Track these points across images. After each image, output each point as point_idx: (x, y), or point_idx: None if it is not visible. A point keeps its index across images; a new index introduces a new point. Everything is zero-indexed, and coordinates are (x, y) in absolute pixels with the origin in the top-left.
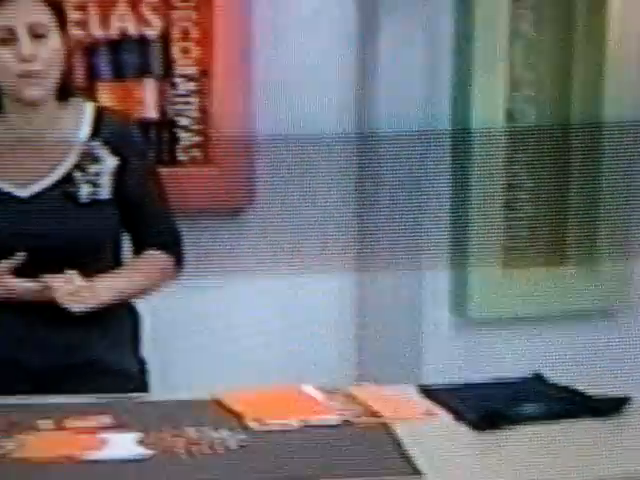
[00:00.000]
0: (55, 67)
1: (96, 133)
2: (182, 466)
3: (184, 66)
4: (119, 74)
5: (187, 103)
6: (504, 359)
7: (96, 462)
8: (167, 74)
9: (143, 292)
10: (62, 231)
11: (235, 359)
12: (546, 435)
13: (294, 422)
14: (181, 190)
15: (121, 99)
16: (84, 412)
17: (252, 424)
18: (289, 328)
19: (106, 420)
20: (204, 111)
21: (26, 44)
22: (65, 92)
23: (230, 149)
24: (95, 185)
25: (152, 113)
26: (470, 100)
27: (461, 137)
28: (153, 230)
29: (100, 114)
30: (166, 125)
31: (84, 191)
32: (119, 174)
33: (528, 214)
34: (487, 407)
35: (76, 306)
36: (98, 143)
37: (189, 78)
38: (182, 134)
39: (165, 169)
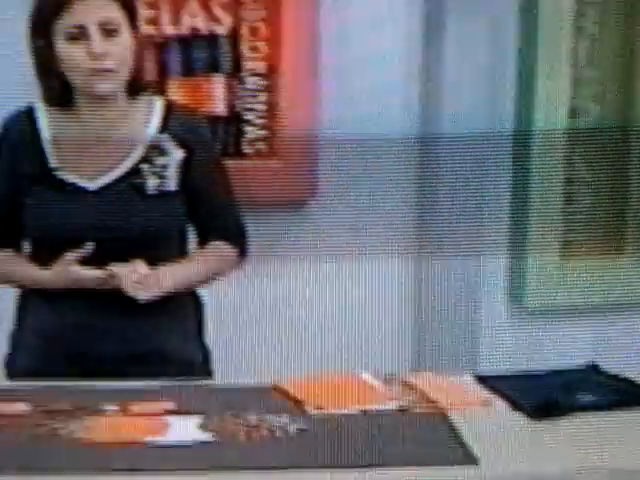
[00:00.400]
0: (126, 64)
1: (164, 127)
2: (242, 450)
3: (252, 62)
4: (189, 70)
5: (255, 98)
6: (560, 348)
7: (158, 446)
8: (236, 70)
9: (207, 281)
10: (129, 222)
11: (295, 346)
12: (601, 424)
13: (352, 409)
14: (246, 182)
15: (191, 95)
16: (148, 397)
17: (312, 411)
18: (348, 316)
19: (169, 405)
20: (271, 106)
21: (97, 42)
22: (135, 88)
23: (295, 143)
24: (162, 177)
25: (220, 108)
26: (534, 98)
27: (523, 137)
28: (218, 221)
29: (169, 109)
30: (233, 120)
31: (151, 183)
32: (185, 166)
33: (586, 206)
34: (543, 396)
35: (141, 294)
36: (166, 136)
37: (257, 74)
38: (248, 128)
39: (231, 161)
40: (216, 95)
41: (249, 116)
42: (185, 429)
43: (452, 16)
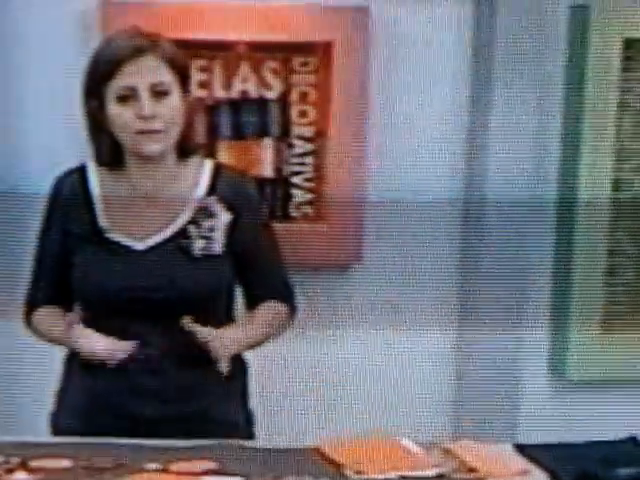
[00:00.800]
0: (175, 125)
1: (213, 189)
2: None
3: (301, 127)
4: (239, 134)
5: (302, 163)
6: (601, 421)
7: None
8: (285, 134)
9: (263, 342)
10: (175, 284)
11: (337, 410)
12: None
13: (392, 474)
14: (292, 245)
15: (240, 158)
16: (189, 456)
17: (351, 475)
18: (390, 383)
19: (210, 465)
20: (318, 170)
21: (147, 104)
22: (185, 149)
23: (341, 208)
24: (208, 239)
25: (269, 171)
26: (578, 168)
27: (567, 206)
28: (267, 282)
29: (218, 171)
30: (281, 183)
31: (197, 245)
32: (232, 228)
33: (629, 278)
34: (582, 468)
35: (226, 358)
36: (214, 199)
37: (306, 139)
38: (295, 191)
39: (278, 225)
40: (265, 158)
41: (296, 180)
42: None
43: (499, 77)
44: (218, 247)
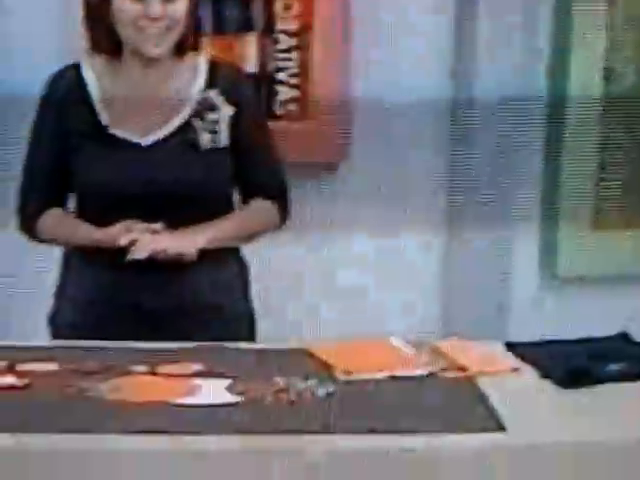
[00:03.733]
0: (178, 27)
1: (212, 84)
2: (268, 412)
3: (286, 21)
4: (221, 29)
5: (287, 59)
6: (591, 317)
7: (186, 406)
8: (268, 29)
9: (248, 240)
10: (183, 178)
11: (326, 311)
12: (630, 394)
13: (381, 374)
14: (278, 143)
15: (223, 54)
16: (178, 358)
17: (341, 375)
18: (379, 281)
19: (198, 367)
20: (303, 66)
21: (155, 5)
22: (183, 48)
23: (327, 105)
24: (214, 132)
25: (252, 68)
26: (569, 62)
27: (556, 102)
28: (263, 180)
29: (214, 66)
30: (265, 79)
31: (204, 138)
32: (234, 123)
33: (619, 175)
34: (573, 365)
35: (136, 254)
36: (215, 92)
37: (290, 34)
38: (280, 88)
39: None
40: (248, 54)
41: (281, 76)
42: (214, 391)
43: None
44: (223, 139)
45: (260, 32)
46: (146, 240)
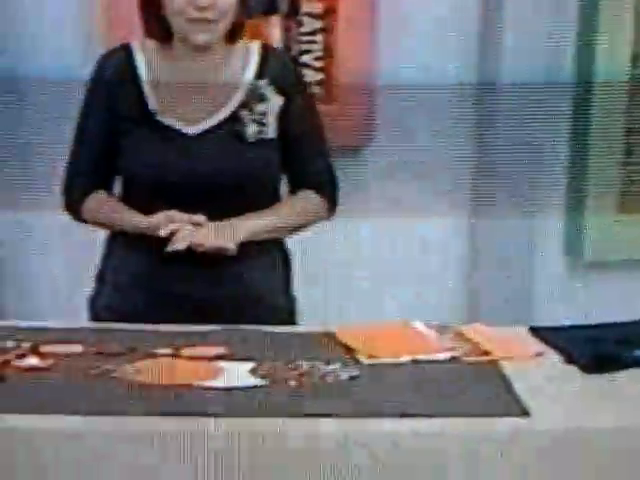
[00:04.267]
0: (228, 15)
1: (262, 73)
2: (291, 396)
3: (310, 3)
4: (246, 12)
5: (312, 42)
6: (617, 302)
7: (210, 389)
8: (293, 12)
9: (292, 232)
10: (228, 168)
11: (350, 295)
12: None
13: (404, 358)
14: None
15: (247, 37)
16: (201, 342)
17: (364, 359)
18: (403, 266)
19: (221, 350)
20: (328, 49)
21: None
22: (234, 35)
23: (351, 88)
24: (261, 124)
25: None
26: (596, 46)
27: (583, 87)
28: (310, 171)
29: (266, 54)
30: None
31: (251, 130)
32: (283, 113)
33: None
34: (597, 350)
35: (177, 245)
36: (265, 82)
37: (315, 16)
38: (305, 71)
39: None
40: (273, 37)
41: (306, 58)
42: (236, 374)
43: None
44: (271, 131)
45: (285, 14)
46: (186, 232)
